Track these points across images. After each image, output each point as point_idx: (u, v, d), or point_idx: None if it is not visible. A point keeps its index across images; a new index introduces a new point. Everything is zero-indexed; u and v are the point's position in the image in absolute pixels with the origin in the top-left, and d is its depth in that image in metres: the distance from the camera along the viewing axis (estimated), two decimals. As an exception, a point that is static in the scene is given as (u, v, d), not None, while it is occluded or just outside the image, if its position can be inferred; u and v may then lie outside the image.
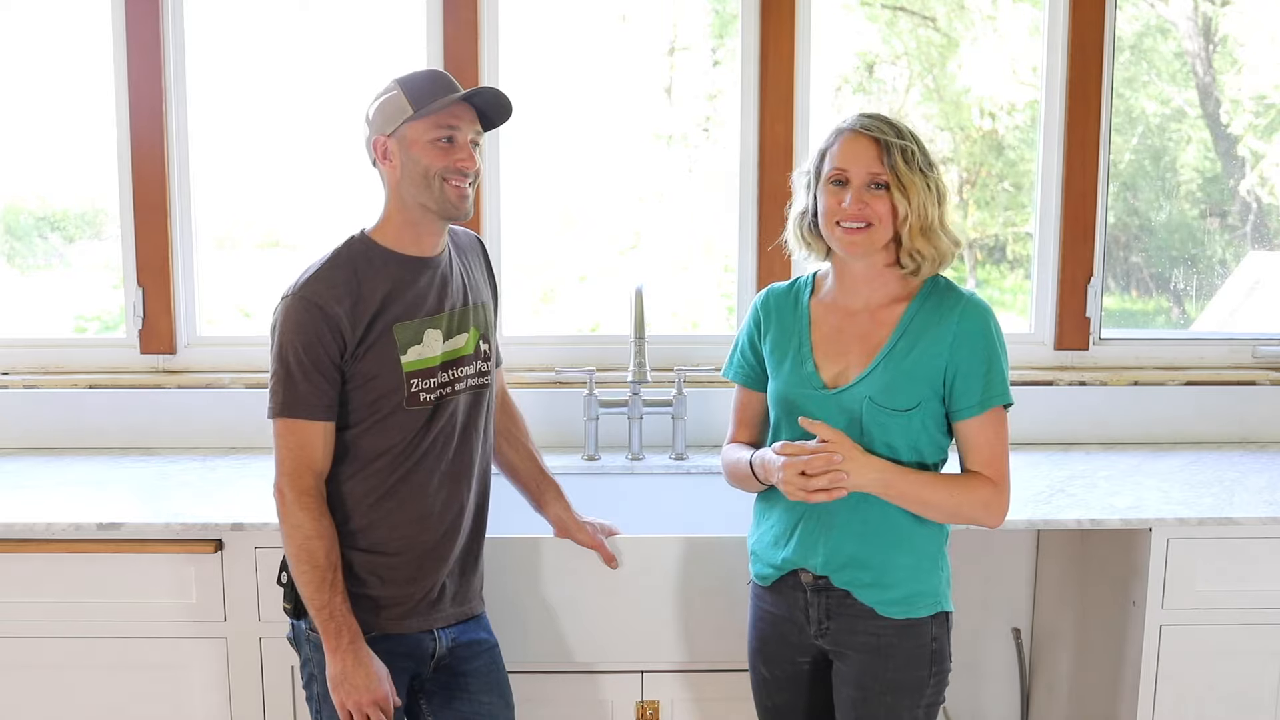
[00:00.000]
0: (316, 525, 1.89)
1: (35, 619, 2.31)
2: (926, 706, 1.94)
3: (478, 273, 2.11)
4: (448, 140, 1.91)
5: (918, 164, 1.83)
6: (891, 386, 1.86)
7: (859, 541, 1.89)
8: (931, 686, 1.94)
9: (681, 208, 3.06)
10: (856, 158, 1.83)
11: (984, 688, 2.96)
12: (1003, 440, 1.89)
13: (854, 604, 1.91)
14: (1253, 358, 3.01)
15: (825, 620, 1.94)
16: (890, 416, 1.86)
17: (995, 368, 1.86)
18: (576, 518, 2.23)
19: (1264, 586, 2.33)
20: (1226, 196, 3.12)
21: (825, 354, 1.92)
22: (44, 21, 2.93)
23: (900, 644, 1.90)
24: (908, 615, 1.90)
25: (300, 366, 1.87)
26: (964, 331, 1.86)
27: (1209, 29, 3.06)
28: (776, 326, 1.99)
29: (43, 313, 3.07)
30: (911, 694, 1.92)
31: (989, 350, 1.86)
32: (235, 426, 2.87)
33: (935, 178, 1.85)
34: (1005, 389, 1.87)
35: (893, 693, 1.90)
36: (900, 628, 1.90)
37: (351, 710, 1.91)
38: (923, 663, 1.91)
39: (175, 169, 2.90)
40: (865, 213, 1.83)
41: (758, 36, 2.87)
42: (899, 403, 1.86)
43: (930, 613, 1.91)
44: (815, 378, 1.91)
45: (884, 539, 1.89)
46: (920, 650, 1.91)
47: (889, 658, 1.90)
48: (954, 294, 1.90)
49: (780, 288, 2.04)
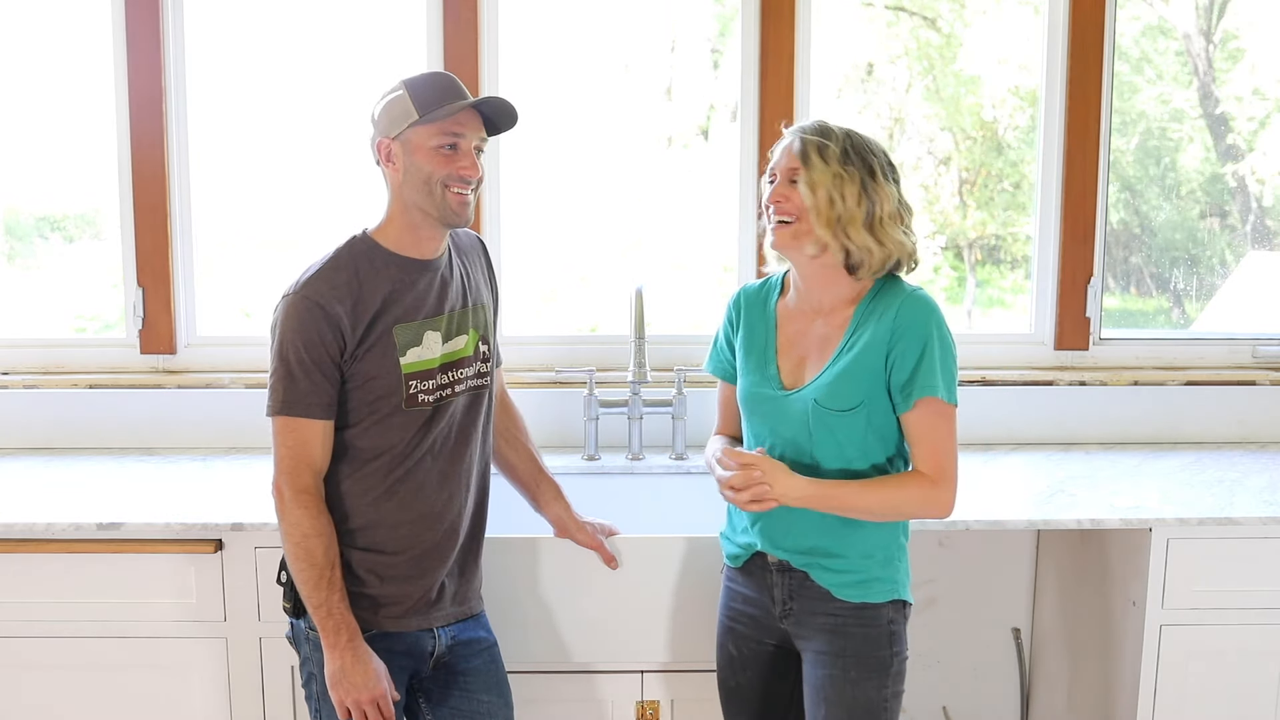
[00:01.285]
0: (314, 523, 1.89)
1: (35, 619, 2.31)
2: (893, 689, 1.96)
3: (478, 273, 2.11)
4: (451, 147, 1.90)
5: (835, 159, 1.87)
6: (833, 388, 1.90)
7: (815, 531, 1.95)
8: (895, 667, 1.96)
9: (681, 208, 3.06)
10: (783, 156, 1.93)
11: (984, 688, 2.97)
12: (940, 433, 1.89)
13: (813, 586, 1.96)
14: (1253, 358, 3.01)
15: (789, 600, 1.99)
16: (835, 418, 1.90)
17: (928, 360, 1.87)
18: (576, 518, 2.23)
19: (1264, 586, 2.33)
20: (1226, 196, 3.12)
21: (787, 356, 1.99)
22: (44, 22, 2.93)
23: (857, 626, 1.94)
24: (864, 599, 1.94)
25: (300, 365, 1.87)
26: (900, 325, 1.87)
27: (1209, 29, 3.06)
28: (746, 326, 2.06)
29: (43, 313, 3.07)
30: (877, 672, 1.94)
31: (924, 343, 1.87)
32: (235, 426, 2.87)
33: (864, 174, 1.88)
34: (935, 382, 1.86)
35: (857, 668, 1.94)
36: (856, 610, 1.94)
37: (350, 708, 1.91)
38: (882, 642, 1.94)
39: (175, 169, 2.90)
40: (784, 205, 1.90)
41: (758, 37, 2.87)
42: (840, 403, 1.89)
43: (886, 598, 1.95)
44: (776, 380, 1.98)
45: (837, 532, 1.94)
46: (878, 632, 1.94)
47: (849, 636, 1.94)
48: (896, 290, 1.92)
49: (752, 287, 2.11)
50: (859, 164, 1.88)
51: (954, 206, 3.14)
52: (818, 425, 1.91)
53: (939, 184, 3.13)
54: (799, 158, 1.89)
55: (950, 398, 1.88)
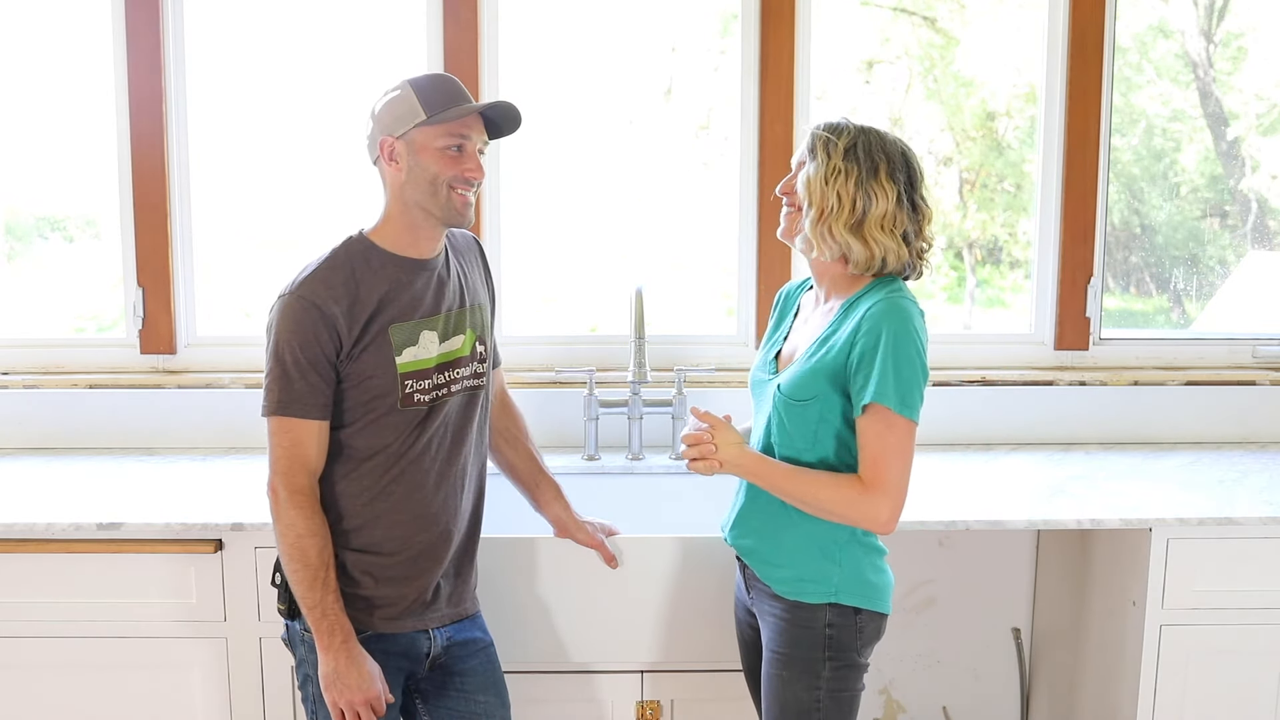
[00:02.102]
0: (309, 524, 1.89)
1: (35, 619, 2.31)
2: (831, 693, 1.93)
3: (475, 274, 2.11)
4: (458, 149, 1.91)
5: (839, 153, 1.87)
6: (797, 378, 1.91)
7: (759, 518, 1.99)
8: (829, 671, 1.93)
9: (682, 208, 3.05)
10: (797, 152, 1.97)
11: (984, 688, 2.97)
12: (883, 443, 1.82)
13: (757, 578, 2.01)
14: (1253, 358, 3.01)
15: (750, 589, 2.05)
16: (790, 406, 1.92)
17: (884, 368, 1.81)
18: (576, 517, 2.23)
19: (1264, 586, 2.33)
20: (1226, 196, 3.12)
21: (791, 343, 2.03)
22: (44, 22, 2.93)
23: (792, 624, 1.95)
24: (797, 598, 1.94)
25: (296, 365, 1.87)
26: (863, 329, 1.84)
27: (1210, 29, 3.06)
28: (777, 317, 2.14)
29: (43, 313, 3.07)
30: (806, 674, 1.93)
31: (881, 349, 1.81)
32: (235, 426, 2.87)
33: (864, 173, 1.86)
34: (887, 391, 1.80)
35: (788, 667, 1.94)
36: (791, 608, 1.95)
37: (344, 709, 1.91)
38: (815, 645, 1.93)
39: (175, 169, 2.90)
40: (790, 196, 1.96)
41: (758, 36, 2.87)
42: (797, 394, 1.91)
43: (821, 600, 1.92)
44: (773, 364, 2.03)
45: (779, 520, 1.96)
46: (812, 633, 1.93)
47: (783, 633, 1.96)
48: (876, 293, 1.89)
49: (794, 282, 2.18)
50: (862, 160, 1.87)
51: (954, 206, 3.14)
52: (775, 411, 1.95)
53: (939, 184, 3.13)
54: (807, 151, 1.92)
55: (901, 409, 1.81)
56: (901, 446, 1.83)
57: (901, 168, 1.89)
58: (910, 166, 1.90)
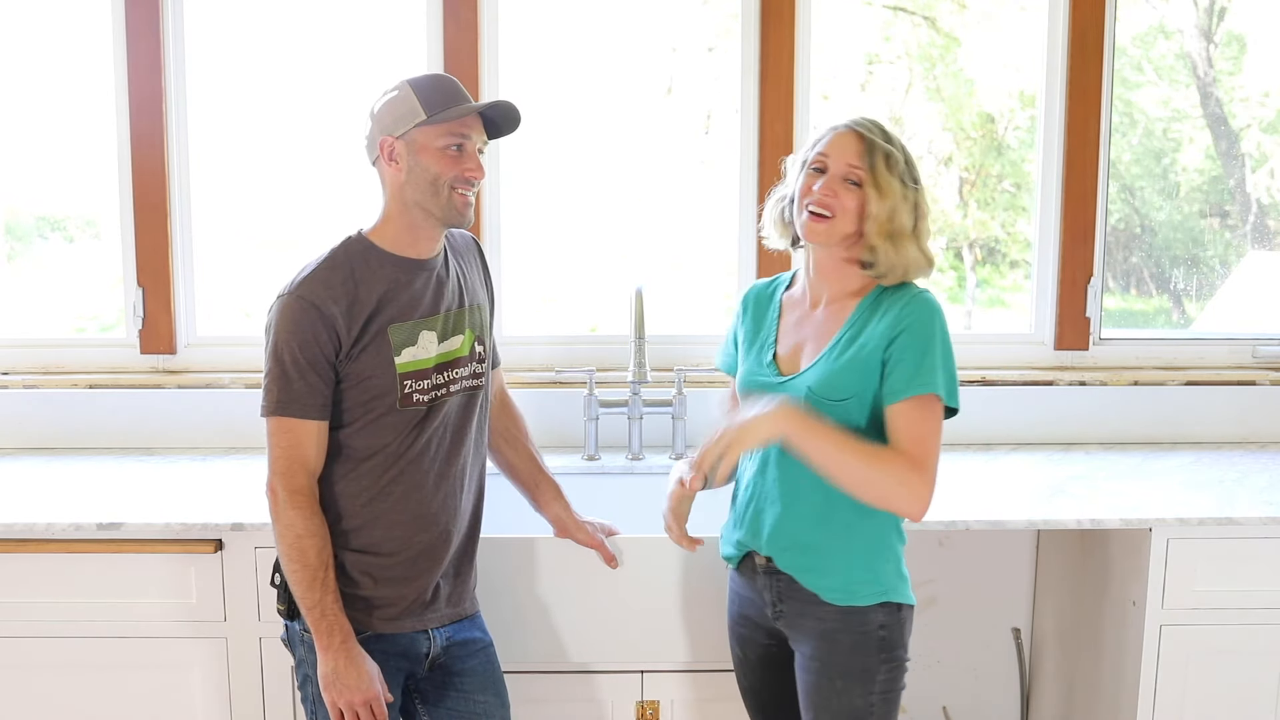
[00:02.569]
0: (308, 524, 1.89)
1: (35, 619, 2.31)
2: (882, 694, 1.94)
3: (474, 274, 2.11)
4: (458, 148, 1.91)
5: (899, 172, 1.87)
6: (829, 377, 1.89)
7: (801, 526, 1.92)
8: (883, 674, 1.93)
9: (682, 208, 3.05)
10: (841, 151, 1.89)
11: (984, 688, 2.97)
12: (929, 428, 1.84)
13: (800, 589, 1.94)
14: (1253, 358, 3.01)
15: (779, 603, 1.97)
16: (828, 407, 1.88)
17: (929, 359, 1.84)
18: (576, 517, 2.23)
19: (1264, 586, 2.33)
20: (1226, 196, 3.12)
21: (786, 344, 1.99)
22: (44, 21, 2.93)
23: (845, 631, 1.92)
24: (850, 603, 1.91)
25: (295, 365, 1.87)
26: (904, 323, 1.86)
27: (1210, 29, 3.06)
28: (752, 320, 2.07)
29: (43, 313, 3.07)
30: (861, 680, 1.92)
31: (926, 341, 1.85)
32: (235, 426, 2.87)
33: (916, 192, 1.89)
34: (935, 380, 1.83)
35: (842, 678, 1.92)
36: (844, 614, 1.91)
37: (343, 709, 1.91)
38: (870, 650, 1.92)
39: (175, 169, 2.90)
40: (831, 202, 1.87)
41: (758, 36, 2.87)
42: (834, 393, 1.88)
43: (874, 601, 1.92)
44: (772, 367, 1.98)
45: (827, 523, 1.91)
46: (866, 638, 1.92)
47: (835, 643, 1.92)
48: (904, 289, 1.91)
49: (761, 283, 2.12)
50: (912, 177, 1.89)
51: (954, 206, 3.14)
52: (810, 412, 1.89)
53: (939, 184, 3.13)
54: (863, 160, 1.86)
55: (949, 400, 1.86)
56: (938, 433, 1.86)
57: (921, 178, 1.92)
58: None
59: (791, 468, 1.91)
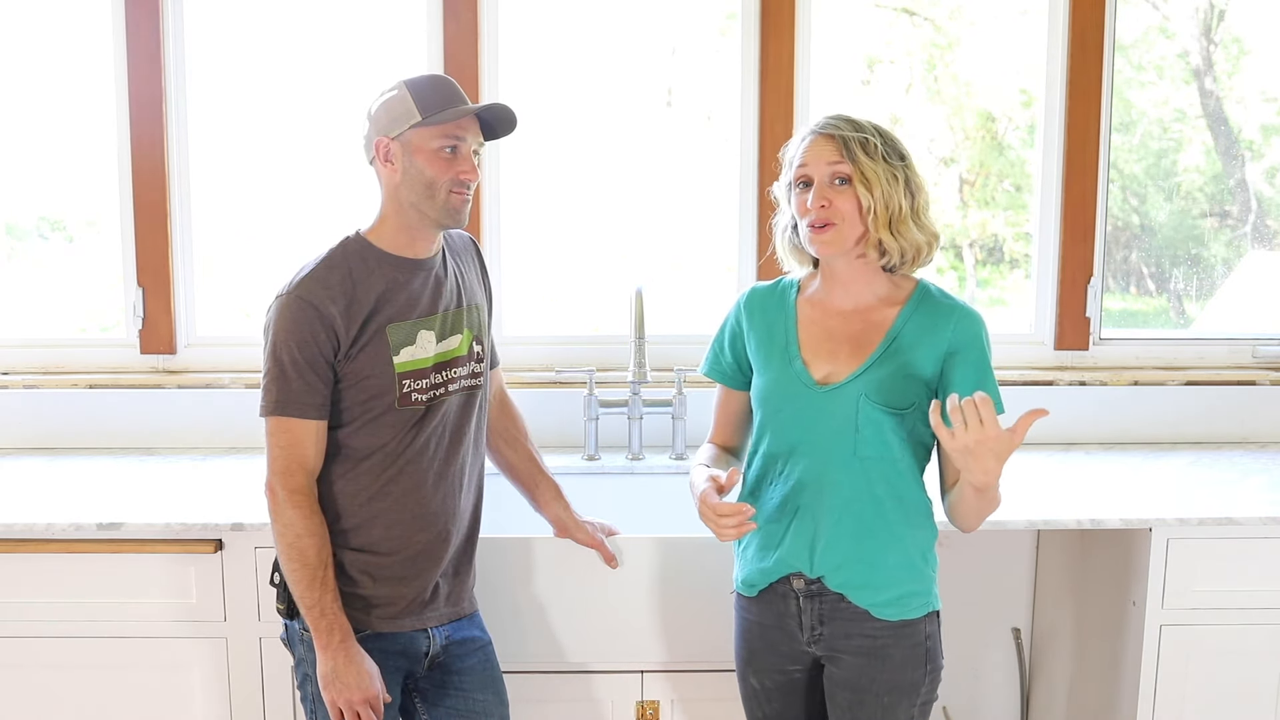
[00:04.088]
0: (307, 523, 1.90)
1: (35, 619, 2.32)
2: (922, 705, 1.96)
3: (472, 274, 2.11)
4: (452, 150, 1.91)
5: (880, 154, 1.83)
6: (887, 385, 1.87)
7: (852, 541, 1.89)
8: (926, 685, 1.95)
9: (682, 208, 3.05)
10: (818, 156, 1.85)
11: (984, 688, 2.97)
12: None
13: (849, 607, 1.90)
14: (1253, 358, 3.01)
15: (819, 626, 1.93)
16: (885, 414, 1.87)
17: (989, 376, 1.90)
18: (576, 517, 2.23)
19: (1264, 586, 2.33)
20: (1227, 196, 3.12)
21: (814, 353, 1.92)
22: (44, 22, 2.93)
23: (896, 645, 1.90)
24: (902, 616, 1.91)
25: (294, 365, 1.87)
26: (959, 340, 1.88)
27: (1210, 29, 3.06)
28: (762, 325, 1.99)
29: (43, 313, 3.07)
30: (908, 694, 1.92)
31: (983, 359, 1.90)
32: (235, 426, 2.87)
33: (905, 168, 1.86)
34: (999, 395, 1.90)
35: (890, 693, 1.91)
36: (895, 629, 1.90)
37: (343, 708, 1.91)
38: (918, 663, 1.92)
39: (175, 169, 2.90)
40: (829, 212, 1.83)
41: (758, 37, 2.87)
42: (895, 401, 1.87)
43: (924, 612, 1.93)
44: (806, 375, 1.91)
45: (877, 538, 1.89)
46: (915, 651, 1.92)
47: (885, 660, 1.90)
48: (948, 301, 1.92)
49: (763, 287, 2.05)
50: (896, 155, 1.85)
51: (954, 206, 3.14)
52: (866, 421, 1.87)
53: (939, 184, 3.13)
54: (843, 155, 1.83)
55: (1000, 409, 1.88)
56: None
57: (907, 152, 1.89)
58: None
59: (831, 484, 1.88)
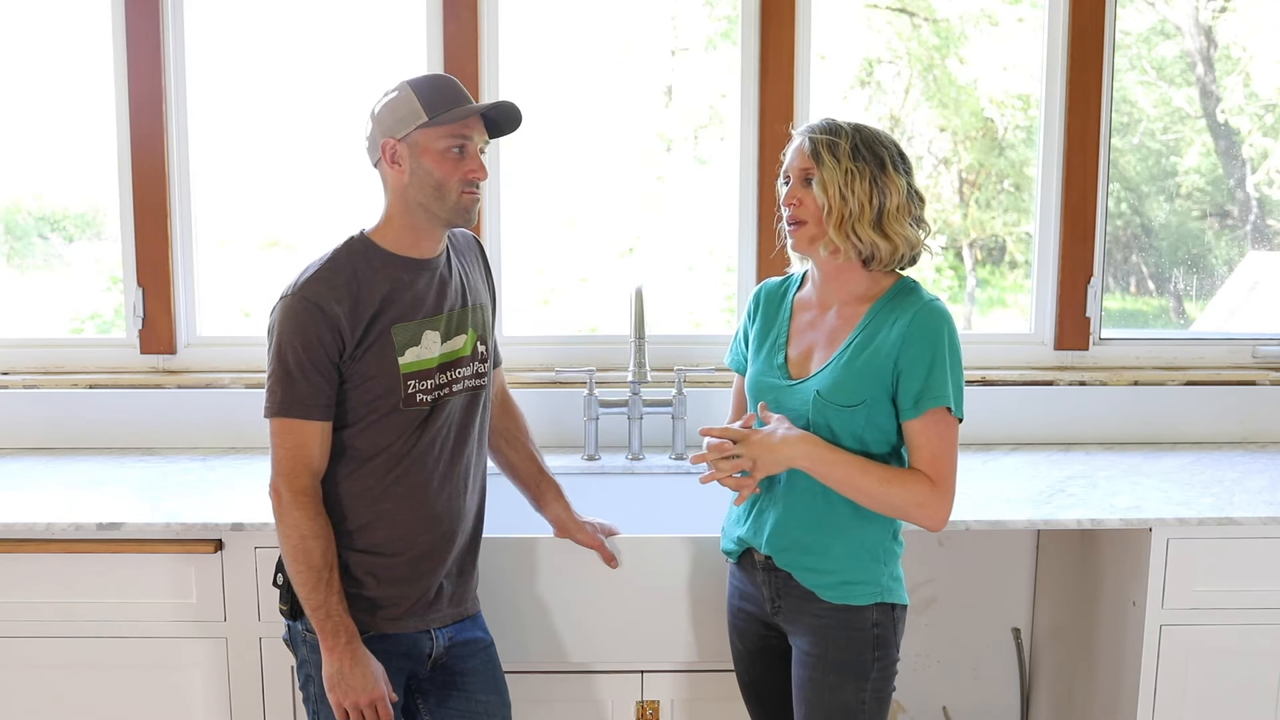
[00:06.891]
0: (312, 525, 1.89)
1: (35, 619, 2.31)
2: (874, 693, 1.96)
3: (476, 274, 2.11)
4: (459, 150, 1.91)
5: (846, 155, 1.88)
6: (838, 383, 1.91)
7: (801, 526, 1.96)
8: (876, 672, 1.96)
9: (682, 208, 3.06)
10: (794, 157, 1.95)
11: (984, 688, 2.97)
12: (945, 443, 1.89)
13: (797, 585, 1.97)
14: (1253, 358, 3.01)
15: (776, 599, 2.01)
16: (835, 412, 1.91)
17: (938, 370, 1.87)
18: (576, 517, 2.23)
19: (1264, 586, 2.33)
20: (1227, 197, 3.12)
21: (798, 347, 2.00)
22: (44, 21, 2.93)
23: (840, 629, 1.95)
24: (846, 601, 1.94)
25: (299, 366, 1.87)
26: (912, 333, 1.88)
27: (1209, 29, 3.06)
28: (763, 318, 2.08)
29: (43, 313, 3.07)
30: (855, 678, 1.95)
31: (934, 352, 1.88)
32: (235, 426, 2.87)
33: (876, 171, 1.89)
34: (945, 392, 1.87)
35: (836, 672, 1.95)
36: (839, 612, 1.94)
37: (349, 709, 1.91)
38: (864, 647, 1.95)
39: (175, 169, 2.90)
40: (796, 209, 1.92)
41: (758, 37, 2.87)
42: (842, 399, 1.90)
43: (870, 601, 1.95)
44: (783, 368, 2.00)
45: (825, 526, 1.94)
46: (860, 635, 1.95)
47: (829, 640, 1.95)
48: (913, 296, 1.93)
49: (774, 282, 2.14)
50: (869, 157, 1.89)
51: (954, 206, 3.14)
52: (817, 417, 1.92)
53: (939, 184, 3.13)
54: (810, 157, 1.90)
55: (958, 411, 1.89)
56: (954, 445, 1.90)
57: (900, 156, 1.93)
58: (904, 155, 1.95)
59: (787, 475, 1.95)
